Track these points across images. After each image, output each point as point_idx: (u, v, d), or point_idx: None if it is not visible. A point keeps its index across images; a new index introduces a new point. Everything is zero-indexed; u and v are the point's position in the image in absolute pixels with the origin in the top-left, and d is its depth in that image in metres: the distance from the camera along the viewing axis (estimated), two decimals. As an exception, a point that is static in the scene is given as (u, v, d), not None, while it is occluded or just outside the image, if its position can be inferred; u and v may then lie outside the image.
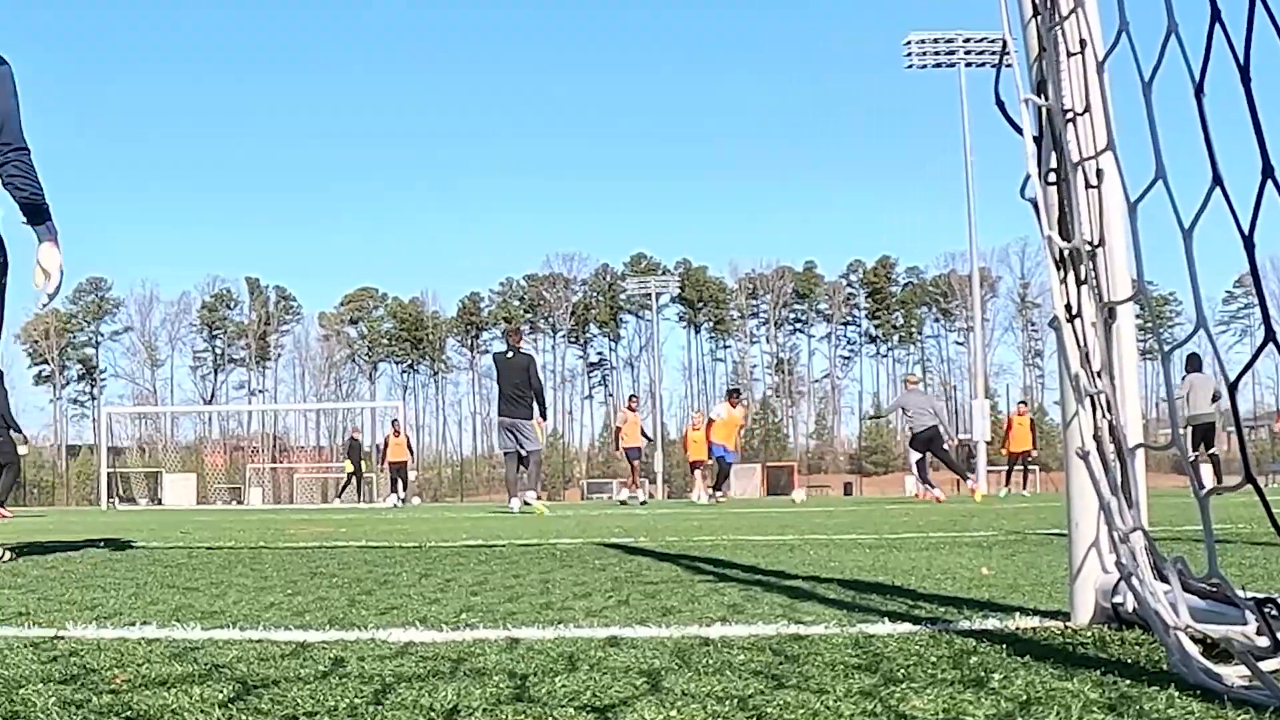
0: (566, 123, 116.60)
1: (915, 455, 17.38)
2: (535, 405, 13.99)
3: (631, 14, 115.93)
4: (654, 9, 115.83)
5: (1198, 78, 1.46)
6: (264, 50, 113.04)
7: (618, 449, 23.05)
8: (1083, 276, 2.08)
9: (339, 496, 31.39)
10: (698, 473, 22.71)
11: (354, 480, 29.36)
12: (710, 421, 21.29)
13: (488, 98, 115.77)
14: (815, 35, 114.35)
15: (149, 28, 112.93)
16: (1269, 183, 1.33)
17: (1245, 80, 1.38)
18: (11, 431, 14.39)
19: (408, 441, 27.19)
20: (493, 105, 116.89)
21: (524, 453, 13.92)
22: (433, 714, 1.45)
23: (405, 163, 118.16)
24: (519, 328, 17.60)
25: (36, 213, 4.36)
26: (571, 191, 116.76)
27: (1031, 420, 23.61)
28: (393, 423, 27.92)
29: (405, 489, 26.90)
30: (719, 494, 20.88)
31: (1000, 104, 2.15)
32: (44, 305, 4.51)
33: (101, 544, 5.98)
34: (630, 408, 23.47)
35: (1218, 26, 1.41)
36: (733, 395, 22.00)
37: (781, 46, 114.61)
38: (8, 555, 4.52)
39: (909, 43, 43.12)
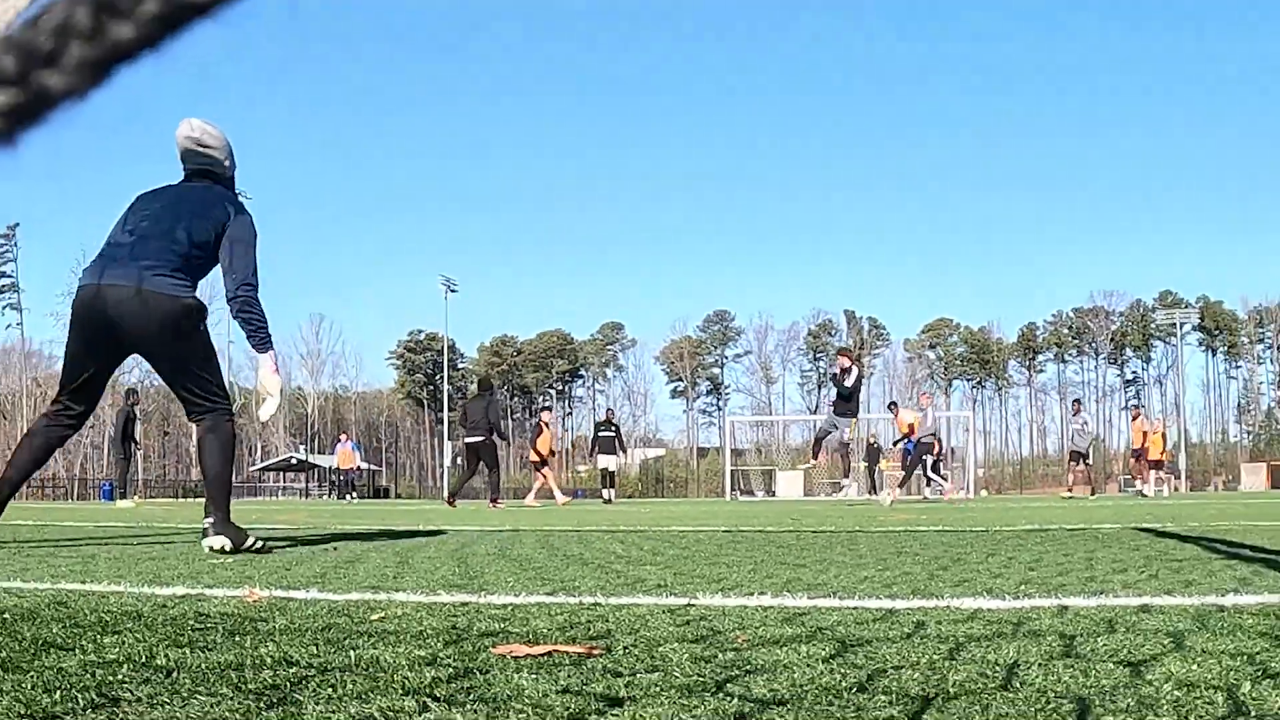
0: (1107, 169, 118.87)
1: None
2: None
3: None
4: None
5: None
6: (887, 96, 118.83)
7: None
8: None
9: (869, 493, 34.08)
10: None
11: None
12: None
13: (1047, 142, 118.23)
14: None
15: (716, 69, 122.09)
16: None
17: None
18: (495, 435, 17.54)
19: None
20: (1052, 150, 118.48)
21: None
22: (997, 668, 1.60)
23: (988, 206, 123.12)
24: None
25: (261, 343, 4.84)
26: (1110, 229, 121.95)
27: None
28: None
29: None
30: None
31: None
32: (263, 421, 4.84)
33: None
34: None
35: None
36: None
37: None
38: (259, 544, 4.62)
39: None
